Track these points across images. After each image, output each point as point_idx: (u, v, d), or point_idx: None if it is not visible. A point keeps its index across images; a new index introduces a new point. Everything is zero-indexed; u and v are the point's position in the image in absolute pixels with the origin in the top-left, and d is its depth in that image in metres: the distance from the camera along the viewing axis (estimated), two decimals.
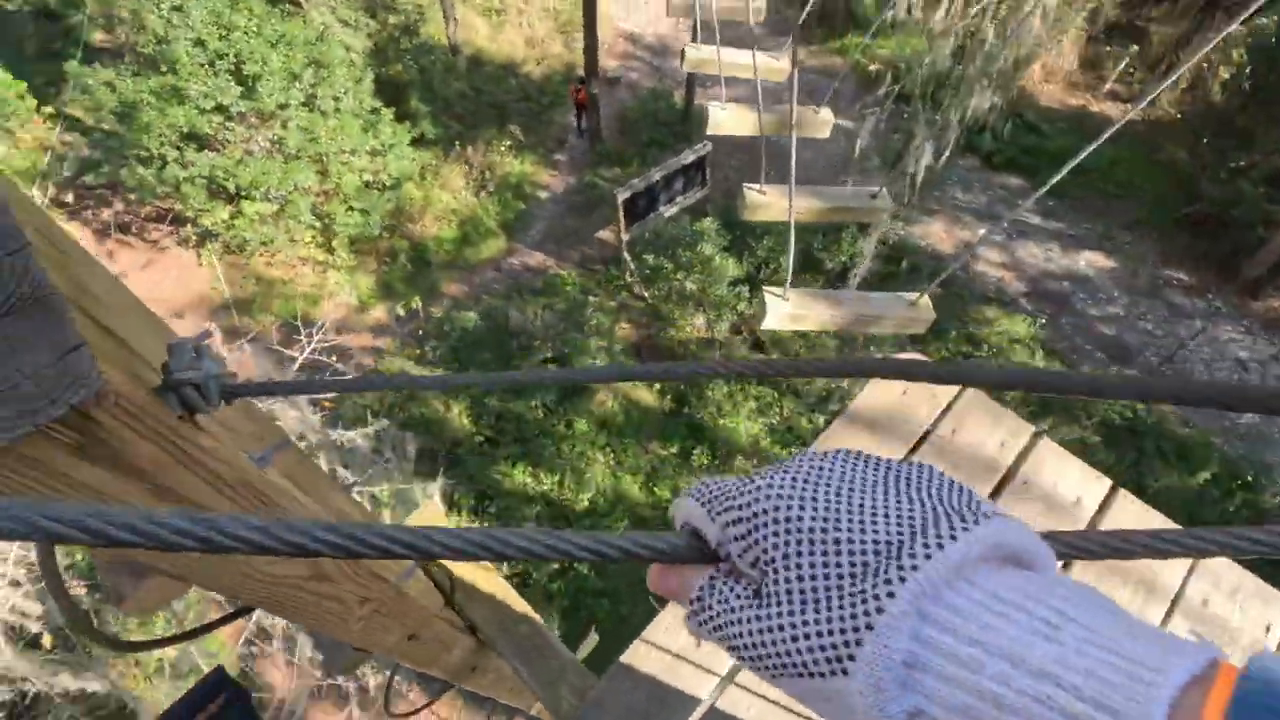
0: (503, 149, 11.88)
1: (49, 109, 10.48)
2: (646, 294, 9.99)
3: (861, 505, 0.32)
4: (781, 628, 0.30)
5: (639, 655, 1.17)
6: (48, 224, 0.53)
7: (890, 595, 0.27)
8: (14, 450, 0.38)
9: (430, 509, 1.34)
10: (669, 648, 1.16)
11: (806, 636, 0.28)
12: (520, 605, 1.24)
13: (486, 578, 1.32)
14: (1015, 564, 0.30)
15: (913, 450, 1.52)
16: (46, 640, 3.90)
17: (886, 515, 0.31)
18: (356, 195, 9.96)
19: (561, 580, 7.89)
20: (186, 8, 8.40)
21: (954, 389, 1.56)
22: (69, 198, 10.37)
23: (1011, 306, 10.52)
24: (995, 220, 11.34)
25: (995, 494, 1.52)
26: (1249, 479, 8.82)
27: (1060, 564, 0.33)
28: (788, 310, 1.84)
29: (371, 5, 11.95)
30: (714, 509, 0.35)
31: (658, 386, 9.59)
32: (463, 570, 1.32)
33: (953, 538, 0.28)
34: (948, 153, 9.88)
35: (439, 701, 7.76)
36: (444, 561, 1.26)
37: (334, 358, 7.94)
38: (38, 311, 0.41)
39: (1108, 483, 1.59)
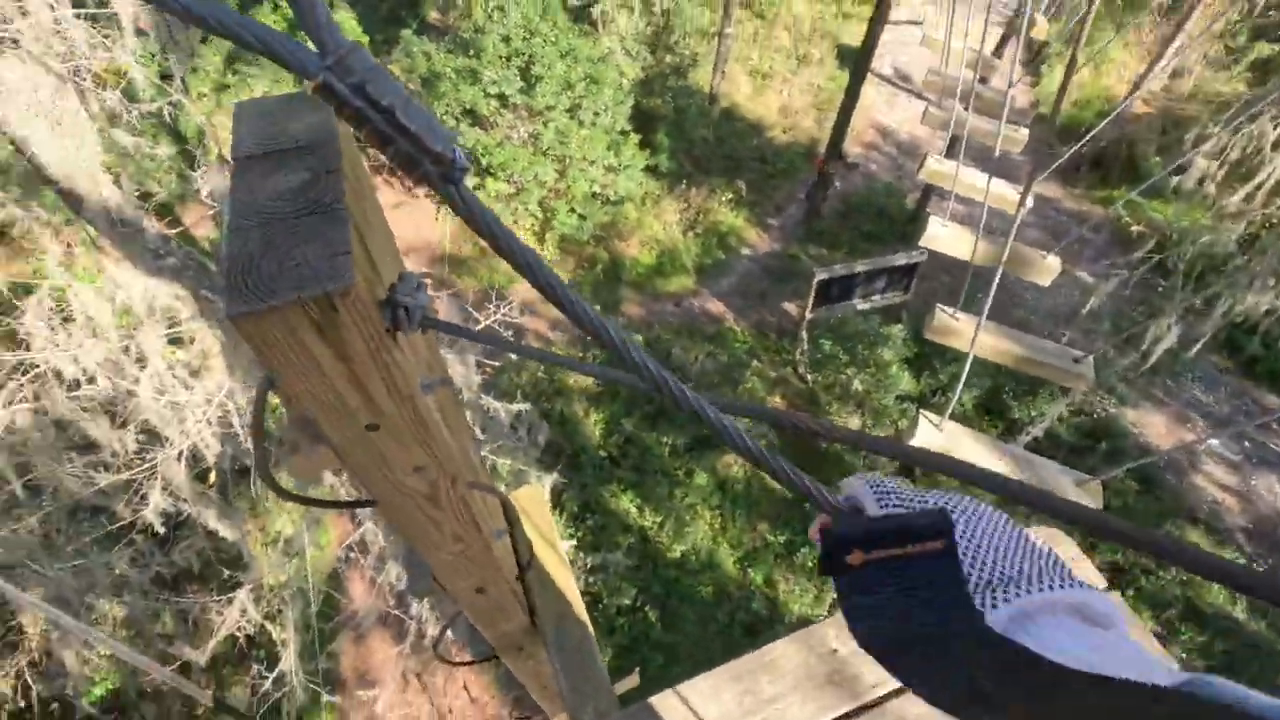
0: (724, 199, 12.30)
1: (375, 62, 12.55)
2: (810, 377, 9.78)
3: (997, 546, 0.41)
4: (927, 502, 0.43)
5: (666, 704, 1.16)
6: (355, 154, 0.67)
7: (994, 606, 0.36)
8: (281, 312, 0.50)
9: (535, 489, 1.43)
10: (699, 711, 1.15)
11: (921, 523, 0.37)
12: (581, 612, 1.29)
13: (563, 575, 1.39)
14: (1093, 623, 0.39)
15: None
16: (212, 477, 4.61)
17: (1009, 556, 0.41)
18: (581, 200, 10.80)
19: (628, 620, 7.83)
20: (507, 8, 9.70)
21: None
22: (361, 135, 12.28)
23: (1222, 538, 8.93)
24: (1236, 434, 9.74)
25: None
26: None
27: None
28: (938, 440, 1.74)
29: (655, 43, 13.00)
30: (886, 501, 0.44)
31: None
32: (544, 559, 1.40)
33: (1050, 588, 0.38)
34: (1200, 345, 8.70)
35: (475, 680, 7.97)
36: (534, 543, 1.35)
37: (510, 333, 8.61)
38: (329, 218, 0.54)
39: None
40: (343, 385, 0.58)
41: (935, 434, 1.73)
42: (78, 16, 2.66)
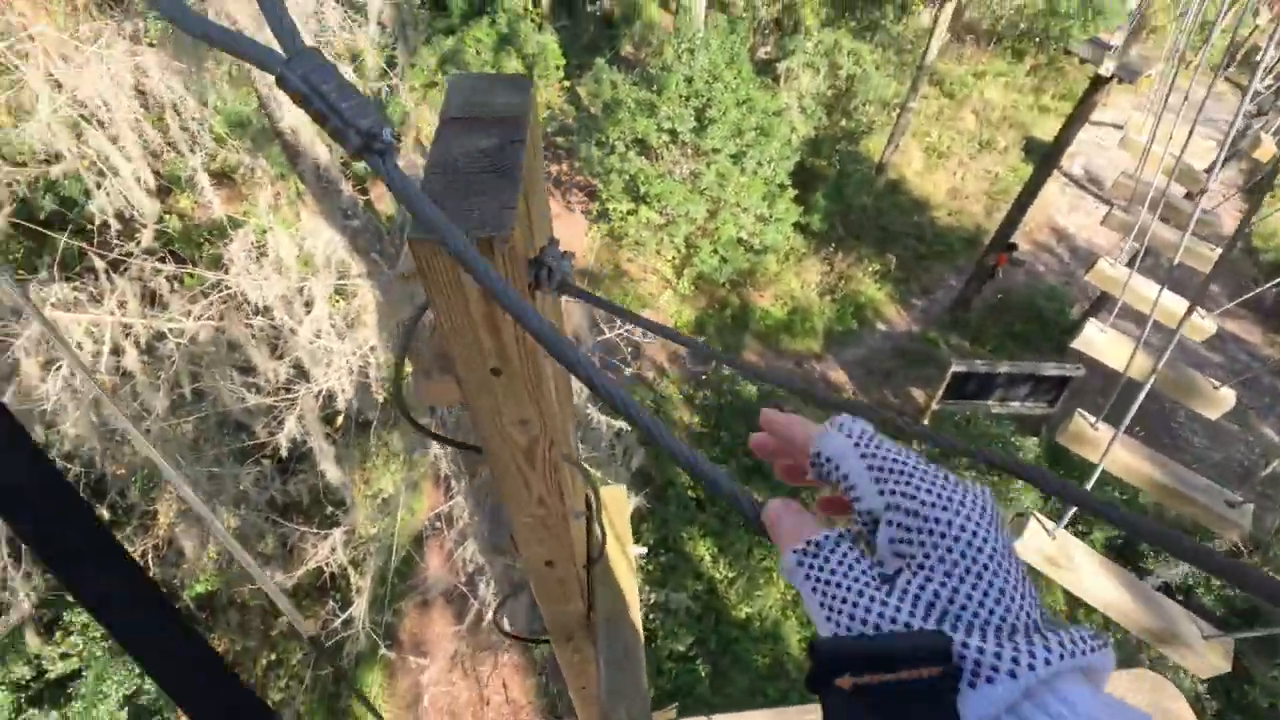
0: (869, 270, 12.00)
1: (567, 83, 13.48)
2: None
3: (1009, 570, 0.35)
4: (895, 621, 0.34)
5: None
6: (538, 135, 0.76)
7: (1012, 675, 0.30)
8: (440, 247, 0.57)
9: (618, 490, 1.47)
10: None
11: (918, 645, 0.32)
12: (636, 617, 1.30)
13: (627, 577, 1.42)
14: (1096, 684, 0.33)
15: None
16: (339, 421, 5.09)
17: (1022, 594, 0.34)
18: (726, 244, 10.94)
19: (678, 667, 7.65)
20: (697, 52, 10.13)
21: None
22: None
23: None
24: None
25: None
26: None
27: None
28: (1047, 548, 1.59)
29: (833, 106, 13.02)
30: (882, 478, 0.38)
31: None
32: (613, 557, 1.43)
33: (1071, 654, 0.31)
34: None
35: (516, 681, 8.01)
36: (607, 540, 1.39)
37: (628, 349, 8.79)
38: (505, 179, 0.62)
39: None
40: (482, 325, 0.65)
41: (1045, 539, 1.58)
42: (337, 2, 3.15)
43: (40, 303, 4.72)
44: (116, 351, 4.90)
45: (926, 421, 9.30)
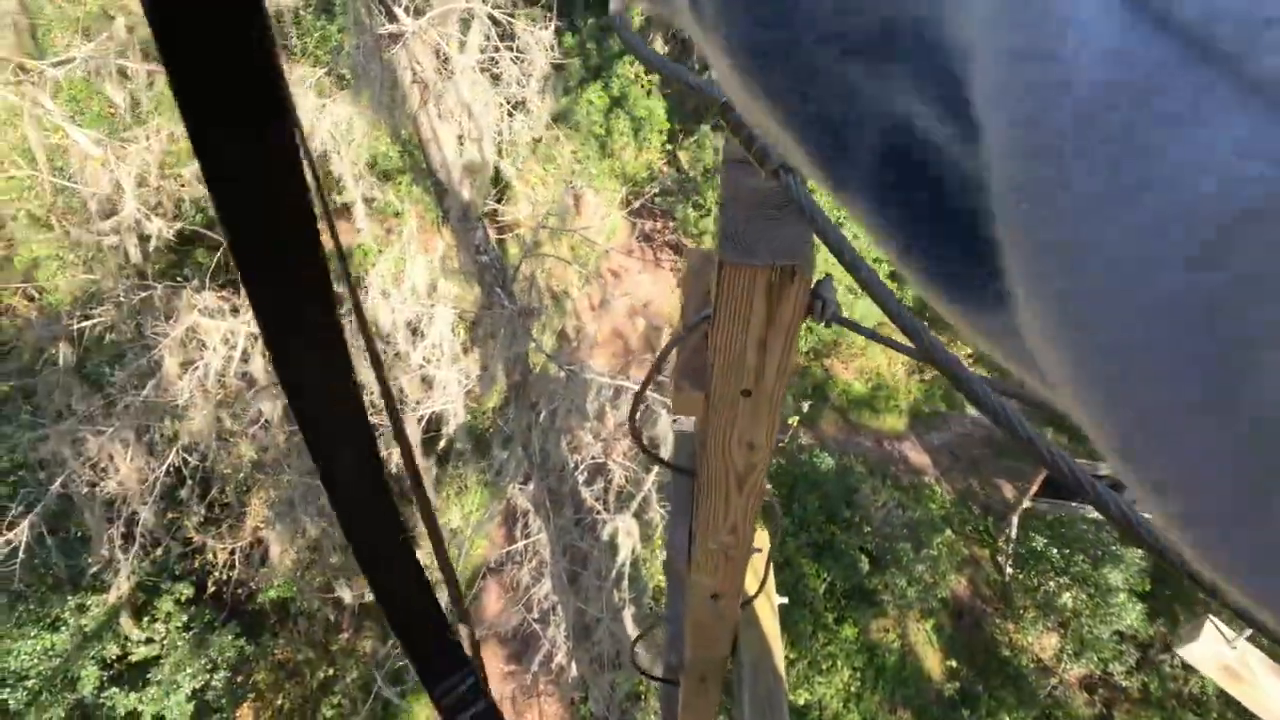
0: (963, 353, 11.64)
1: (669, 145, 14.05)
2: (1010, 571, 8.65)
3: None
4: None
5: None
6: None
7: None
8: (754, 269, 0.63)
9: (763, 534, 1.48)
10: None
11: None
12: (779, 665, 1.29)
13: (771, 623, 1.41)
14: None
15: None
16: (440, 445, 5.27)
17: None
18: None
19: None
20: None
21: None
22: (636, 203, 13.71)
23: None
24: None
25: None
26: None
27: None
28: (1225, 657, 1.46)
29: None
30: None
31: (950, 658, 8.19)
32: (761, 602, 1.43)
33: None
34: None
35: None
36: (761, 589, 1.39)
37: None
38: (797, 217, 0.68)
39: None
40: (753, 343, 0.70)
41: (1222, 648, 1.45)
42: (512, 61, 3.49)
43: (189, 309, 5.20)
44: (245, 358, 5.30)
45: (1016, 519, 8.78)
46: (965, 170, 0.19)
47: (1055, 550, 7.95)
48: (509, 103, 3.70)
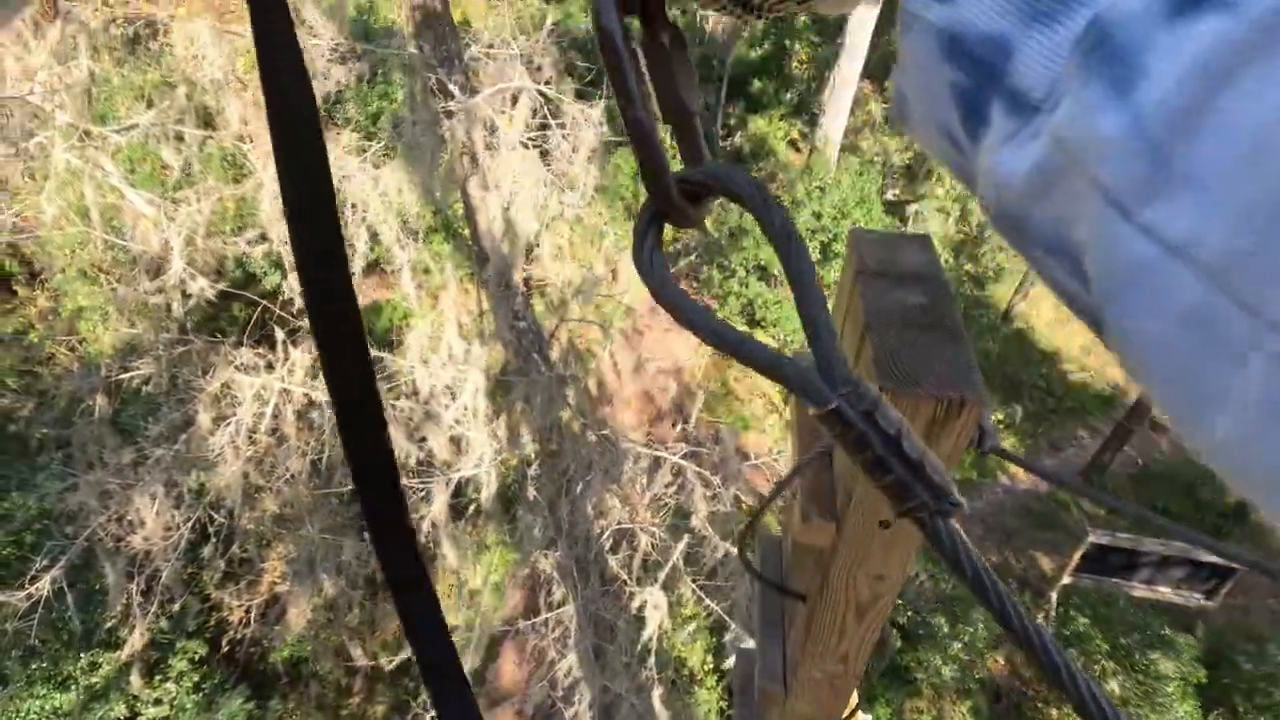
0: (994, 418, 11.40)
1: None
2: None
3: None
4: None
5: None
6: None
7: None
8: (917, 399, 0.58)
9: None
10: None
11: None
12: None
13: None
14: None
15: None
16: (473, 508, 5.22)
17: None
18: None
19: None
20: (828, 190, 10.51)
21: None
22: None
23: None
24: None
25: None
26: None
27: None
28: None
29: (959, 249, 12.99)
30: None
31: None
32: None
33: None
34: None
35: None
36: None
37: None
38: (953, 338, 0.63)
39: None
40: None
41: None
42: (563, 137, 3.59)
43: (226, 364, 5.25)
44: (276, 415, 5.30)
45: (1055, 595, 8.39)
46: None
47: (1100, 631, 7.55)
48: (558, 176, 3.78)
